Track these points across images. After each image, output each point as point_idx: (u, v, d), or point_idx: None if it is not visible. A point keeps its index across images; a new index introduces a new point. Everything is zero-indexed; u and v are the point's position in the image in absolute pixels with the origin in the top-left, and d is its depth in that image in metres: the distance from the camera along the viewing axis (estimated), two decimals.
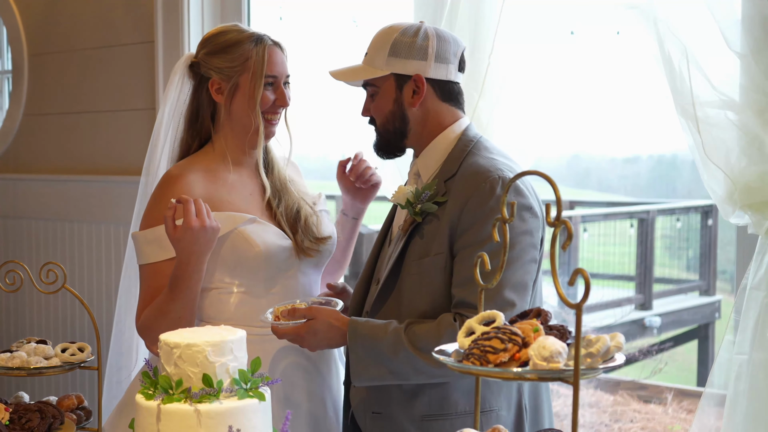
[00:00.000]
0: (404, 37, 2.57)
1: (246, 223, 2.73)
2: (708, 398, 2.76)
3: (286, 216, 2.83)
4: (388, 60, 2.58)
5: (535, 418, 2.65)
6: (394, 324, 2.49)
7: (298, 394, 2.78)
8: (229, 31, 2.81)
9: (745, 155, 2.61)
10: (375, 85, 2.62)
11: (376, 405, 2.62)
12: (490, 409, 2.55)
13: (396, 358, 2.44)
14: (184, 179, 2.75)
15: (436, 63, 2.58)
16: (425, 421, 2.56)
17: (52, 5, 4.63)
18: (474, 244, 2.43)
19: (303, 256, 2.81)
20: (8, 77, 5.18)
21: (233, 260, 2.73)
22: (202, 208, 2.57)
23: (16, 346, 2.64)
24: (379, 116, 2.64)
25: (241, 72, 2.77)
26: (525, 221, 2.46)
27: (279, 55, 2.80)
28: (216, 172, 2.81)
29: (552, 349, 1.62)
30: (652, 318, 11.28)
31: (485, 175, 2.47)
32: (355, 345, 2.50)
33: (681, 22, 2.67)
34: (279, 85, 2.79)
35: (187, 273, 2.60)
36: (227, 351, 2.00)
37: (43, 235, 4.72)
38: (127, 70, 4.33)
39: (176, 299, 2.62)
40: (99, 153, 4.50)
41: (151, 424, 1.98)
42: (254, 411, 1.99)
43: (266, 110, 2.79)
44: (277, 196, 2.86)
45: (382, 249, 2.75)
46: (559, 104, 2.98)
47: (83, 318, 4.52)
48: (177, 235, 2.55)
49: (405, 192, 2.58)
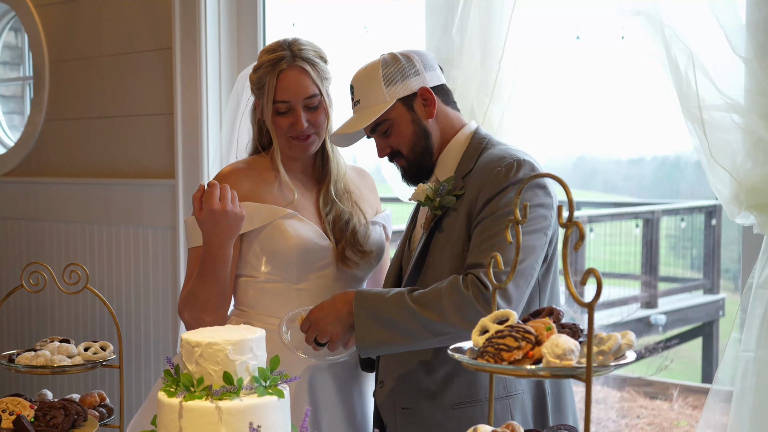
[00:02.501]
0: (388, 68, 2.59)
1: (285, 216, 2.76)
2: (715, 395, 2.75)
3: (333, 224, 2.84)
4: (387, 91, 2.58)
5: (559, 406, 2.65)
6: (399, 289, 2.50)
7: (322, 392, 2.79)
8: (264, 51, 2.81)
9: (750, 157, 2.61)
10: (386, 120, 2.61)
11: (404, 401, 2.62)
12: (516, 393, 2.56)
13: (399, 318, 2.43)
14: (233, 175, 2.81)
15: (428, 72, 2.62)
16: (456, 410, 2.56)
17: (73, 13, 4.64)
18: (489, 215, 2.44)
19: (341, 265, 2.82)
20: (30, 83, 5.20)
21: (268, 250, 2.77)
22: (227, 194, 2.62)
23: (40, 345, 2.65)
24: (404, 144, 2.63)
25: (260, 96, 2.79)
26: (538, 196, 2.47)
27: (293, 79, 2.75)
28: (266, 173, 2.85)
29: (565, 347, 1.62)
30: (657, 316, 11.25)
31: (500, 161, 2.49)
32: (360, 310, 2.49)
33: (686, 27, 2.67)
34: (295, 108, 2.75)
35: (211, 255, 2.66)
36: (247, 349, 2.01)
37: (64, 237, 4.73)
38: (146, 75, 4.34)
39: (204, 281, 2.68)
40: (119, 157, 4.51)
41: (173, 421, 1.98)
42: (274, 408, 2.00)
43: (287, 133, 2.78)
44: (329, 204, 2.87)
45: (404, 253, 2.75)
46: (566, 107, 2.98)
47: (104, 317, 4.53)
48: (201, 216, 2.62)
49: (424, 189, 2.60)
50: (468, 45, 3.09)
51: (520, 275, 2.39)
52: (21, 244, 4.98)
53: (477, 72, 3.07)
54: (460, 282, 2.38)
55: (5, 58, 5.43)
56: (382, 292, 2.51)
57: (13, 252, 5.03)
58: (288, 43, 2.78)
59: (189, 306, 2.74)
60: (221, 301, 2.72)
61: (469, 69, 3.06)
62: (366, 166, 3.30)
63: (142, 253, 4.36)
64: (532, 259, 2.43)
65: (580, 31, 5.73)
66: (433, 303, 2.39)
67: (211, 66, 4.07)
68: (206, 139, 4.08)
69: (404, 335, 2.44)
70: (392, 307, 2.44)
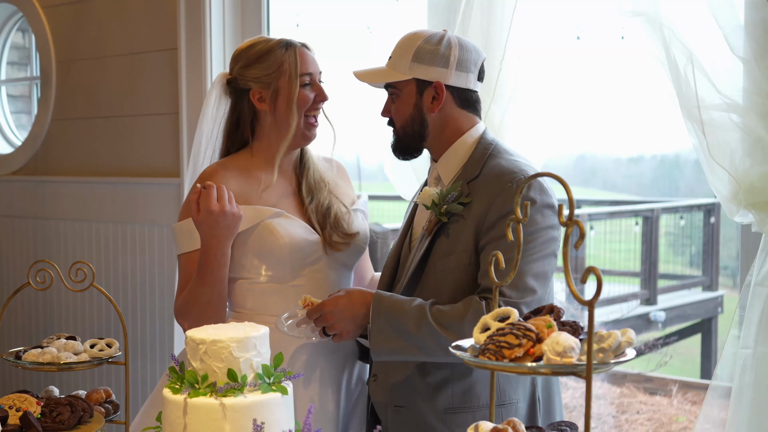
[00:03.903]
0: (427, 45, 2.58)
1: (273, 216, 2.76)
2: (714, 391, 2.75)
3: (317, 212, 2.84)
4: (410, 65, 2.58)
5: (548, 409, 2.66)
6: (419, 300, 2.49)
7: (317, 386, 2.79)
8: (257, 42, 2.84)
9: (749, 156, 2.61)
10: (397, 88, 2.63)
11: (399, 398, 2.62)
12: (510, 402, 2.55)
13: (418, 332, 2.43)
14: (218, 174, 2.79)
15: (457, 71, 2.59)
16: (448, 414, 2.56)
17: (79, 14, 4.64)
18: (502, 236, 2.44)
19: (331, 250, 2.81)
20: (37, 83, 5.20)
21: (260, 251, 2.76)
22: (224, 195, 2.62)
23: (47, 342, 2.64)
24: (399, 119, 2.64)
25: (278, 77, 2.79)
26: (547, 217, 2.47)
27: (309, 55, 2.83)
28: (250, 171, 2.84)
29: (565, 344, 1.62)
30: (656, 313, 11.25)
31: (511, 176, 2.49)
32: (378, 316, 2.48)
33: (686, 28, 2.67)
34: (315, 81, 2.83)
35: (210, 256, 2.65)
36: (251, 347, 2.01)
37: (71, 236, 4.73)
38: (152, 75, 4.34)
39: (204, 283, 2.67)
40: (124, 156, 4.51)
41: (178, 417, 1.98)
42: (277, 405, 2.00)
43: (308, 108, 2.81)
44: (310, 195, 2.87)
45: (402, 250, 2.75)
46: (566, 107, 2.97)
47: (110, 315, 4.53)
48: (198, 218, 2.62)
49: (430, 194, 2.59)
50: None
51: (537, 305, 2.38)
52: (28, 242, 4.98)
53: None
54: (483, 308, 2.38)
55: (13, 58, 5.43)
56: (401, 300, 2.50)
57: (20, 250, 5.02)
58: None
59: (189, 309, 2.72)
60: (221, 302, 2.72)
61: None
62: (369, 163, 3.30)
63: (148, 251, 4.36)
64: (545, 288, 2.45)
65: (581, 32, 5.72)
66: (454, 325, 2.40)
67: (215, 66, 4.08)
68: None
69: (420, 349, 2.45)
70: (412, 320, 2.44)
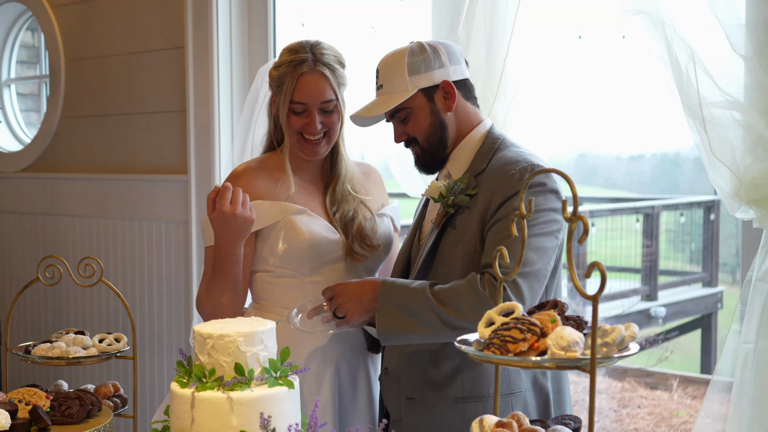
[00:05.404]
0: (414, 57, 2.58)
1: (296, 213, 2.78)
2: (715, 386, 2.74)
3: (341, 220, 2.85)
4: (410, 80, 2.58)
5: (559, 401, 2.67)
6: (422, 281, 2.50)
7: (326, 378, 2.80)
8: (287, 50, 2.80)
9: (750, 153, 2.60)
10: (405, 108, 2.61)
11: (409, 391, 2.62)
12: (519, 391, 2.56)
13: (420, 309, 2.43)
14: (246, 175, 2.83)
15: (453, 66, 2.61)
16: (459, 404, 2.56)
17: (88, 13, 4.64)
18: (503, 217, 2.44)
19: (351, 260, 2.83)
20: (46, 82, 5.20)
21: (282, 246, 2.78)
22: (238, 197, 2.64)
23: (56, 337, 2.65)
24: (420, 133, 2.63)
25: (278, 93, 2.79)
26: (550, 200, 2.47)
27: (313, 83, 2.75)
28: (278, 172, 2.85)
29: (569, 338, 1.61)
30: (657, 308, 11.24)
31: (514, 164, 2.50)
32: (385, 298, 2.49)
33: (687, 26, 2.66)
34: (310, 110, 2.76)
35: (221, 254, 2.69)
36: (258, 341, 2.01)
37: (79, 232, 4.73)
38: (159, 73, 4.34)
39: (216, 278, 2.71)
40: (132, 153, 4.51)
41: (185, 411, 1.98)
42: (284, 398, 2.00)
43: (300, 130, 2.78)
44: (335, 205, 2.87)
45: (413, 244, 2.75)
46: (568, 105, 2.97)
47: (118, 309, 4.53)
48: (213, 216, 2.64)
49: (437, 186, 2.59)
50: (473, 44, 3.09)
51: (534, 277, 2.39)
52: (37, 238, 4.98)
53: (482, 70, 3.07)
54: (478, 281, 2.38)
55: (22, 57, 5.43)
56: (407, 282, 2.51)
57: (29, 246, 5.03)
58: (310, 45, 2.77)
59: (203, 301, 2.78)
60: (233, 301, 2.75)
61: (474, 67, 3.05)
62: (373, 161, 3.30)
63: (155, 247, 4.36)
64: (544, 261, 2.44)
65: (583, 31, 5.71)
66: (451, 300, 2.40)
67: (222, 64, 4.07)
68: (218, 135, 4.08)
69: (424, 325, 2.44)
70: (414, 297, 2.45)
